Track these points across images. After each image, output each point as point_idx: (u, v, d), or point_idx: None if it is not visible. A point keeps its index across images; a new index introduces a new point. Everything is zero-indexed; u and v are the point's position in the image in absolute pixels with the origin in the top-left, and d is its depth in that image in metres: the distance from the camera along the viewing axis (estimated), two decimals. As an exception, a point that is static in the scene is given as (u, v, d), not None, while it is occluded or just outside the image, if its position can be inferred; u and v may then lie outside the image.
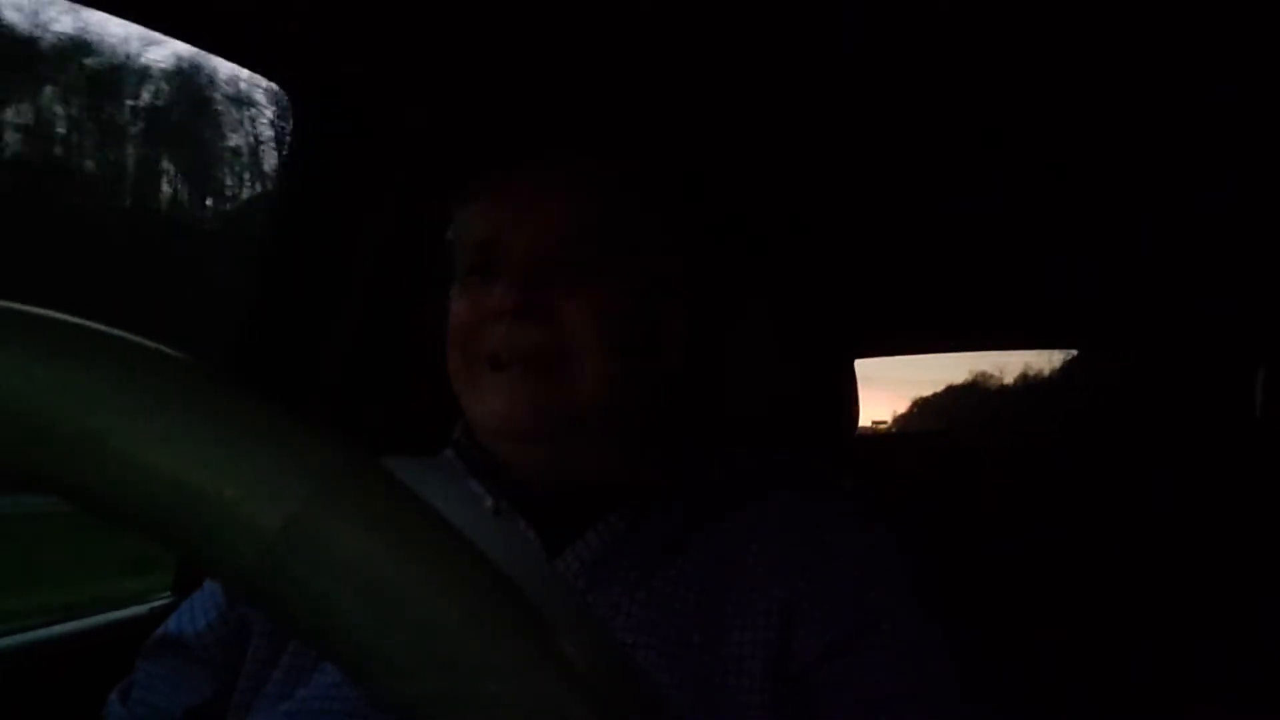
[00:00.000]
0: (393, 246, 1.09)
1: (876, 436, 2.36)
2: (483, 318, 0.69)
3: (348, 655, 0.26)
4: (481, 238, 0.73)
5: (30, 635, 0.92)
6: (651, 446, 0.76)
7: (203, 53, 0.93)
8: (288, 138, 1.06)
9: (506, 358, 0.68)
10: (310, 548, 0.25)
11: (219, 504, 0.25)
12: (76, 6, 0.80)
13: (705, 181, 1.29)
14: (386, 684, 0.25)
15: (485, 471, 0.73)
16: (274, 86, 1.01)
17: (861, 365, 2.18)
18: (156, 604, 1.04)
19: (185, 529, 0.25)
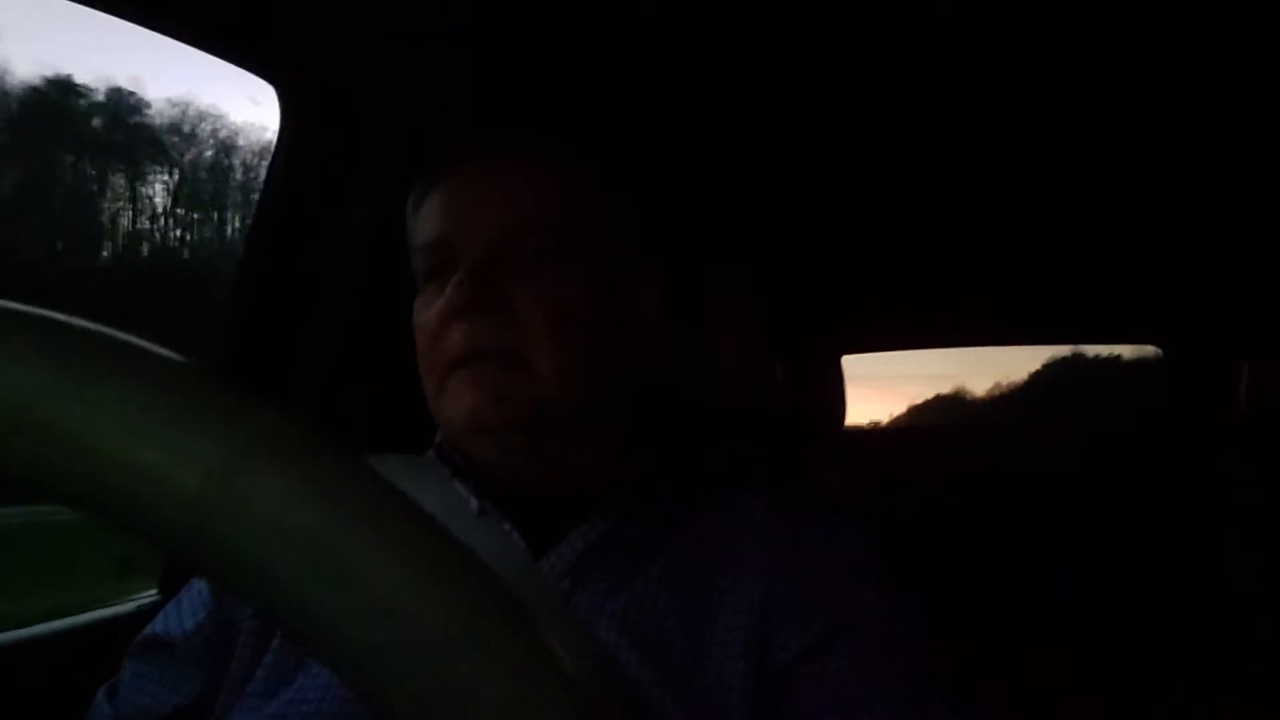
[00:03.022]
0: (378, 243, 1.09)
1: (873, 434, 2.35)
2: (442, 320, 0.69)
3: (282, 610, 0.26)
4: (431, 239, 0.73)
5: (15, 634, 0.91)
6: (633, 444, 0.76)
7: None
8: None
9: (467, 355, 0.68)
10: (234, 504, 0.25)
11: (140, 467, 0.25)
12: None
13: (681, 173, 1.29)
14: (324, 637, 0.25)
15: (467, 474, 0.73)
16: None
17: (854, 364, 2.18)
18: (143, 601, 1.03)
19: (108, 494, 0.25)
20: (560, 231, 0.71)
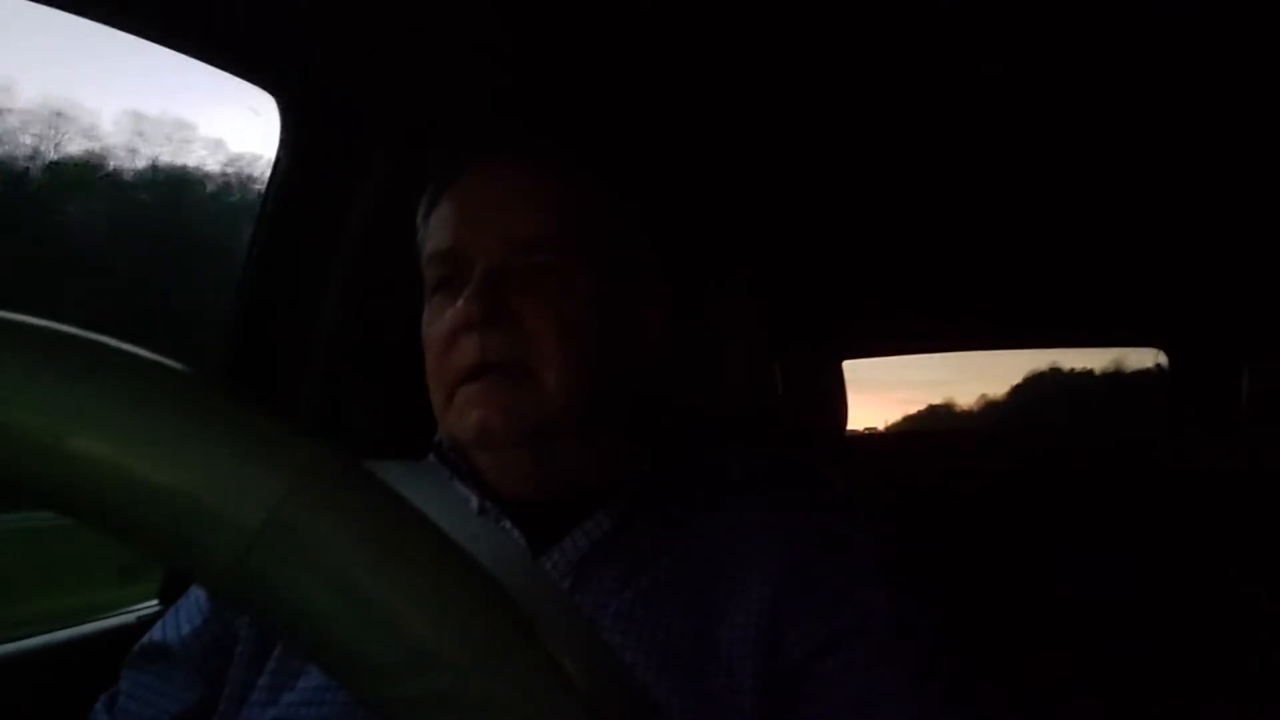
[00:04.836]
0: (378, 249, 1.09)
1: (873, 437, 2.35)
2: (453, 331, 0.69)
3: (328, 654, 0.25)
4: (442, 249, 0.73)
5: (14, 645, 0.91)
6: (635, 445, 0.76)
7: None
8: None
9: (477, 368, 0.68)
10: (289, 547, 0.24)
11: (196, 505, 0.24)
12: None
13: (683, 178, 1.29)
14: (368, 684, 0.25)
15: (468, 475, 0.73)
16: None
17: (855, 369, 2.19)
18: (143, 612, 1.03)
19: (162, 531, 0.25)
20: (570, 244, 0.71)
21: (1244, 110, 1.09)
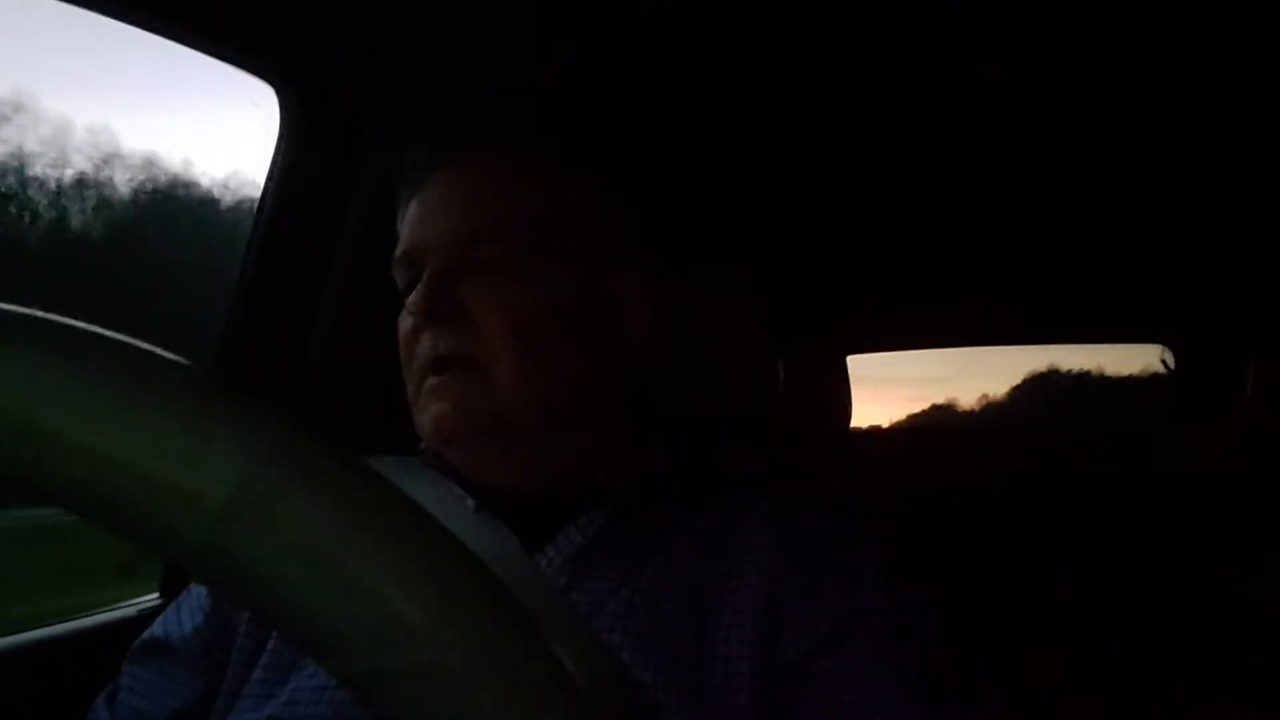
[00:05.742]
0: (376, 243, 1.09)
1: (873, 435, 2.35)
2: (411, 330, 0.71)
3: (299, 628, 0.25)
4: (401, 252, 0.74)
5: (16, 638, 0.91)
6: (632, 442, 0.76)
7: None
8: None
9: (431, 364, 0.69)
10: (257, 520, 0.24)
11: (162, 480, 0.24)
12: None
13: (680, 172, 1.28)
14: (341, 658, 0.25)
15: (456, 475, 0.74)
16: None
17: (857, 366, 2.18)
18: (144, 606, 1.03)
19: (129, 507, 0.25)
20: (521, 238, 0.71)
21: (1247, 107, 1.09)
